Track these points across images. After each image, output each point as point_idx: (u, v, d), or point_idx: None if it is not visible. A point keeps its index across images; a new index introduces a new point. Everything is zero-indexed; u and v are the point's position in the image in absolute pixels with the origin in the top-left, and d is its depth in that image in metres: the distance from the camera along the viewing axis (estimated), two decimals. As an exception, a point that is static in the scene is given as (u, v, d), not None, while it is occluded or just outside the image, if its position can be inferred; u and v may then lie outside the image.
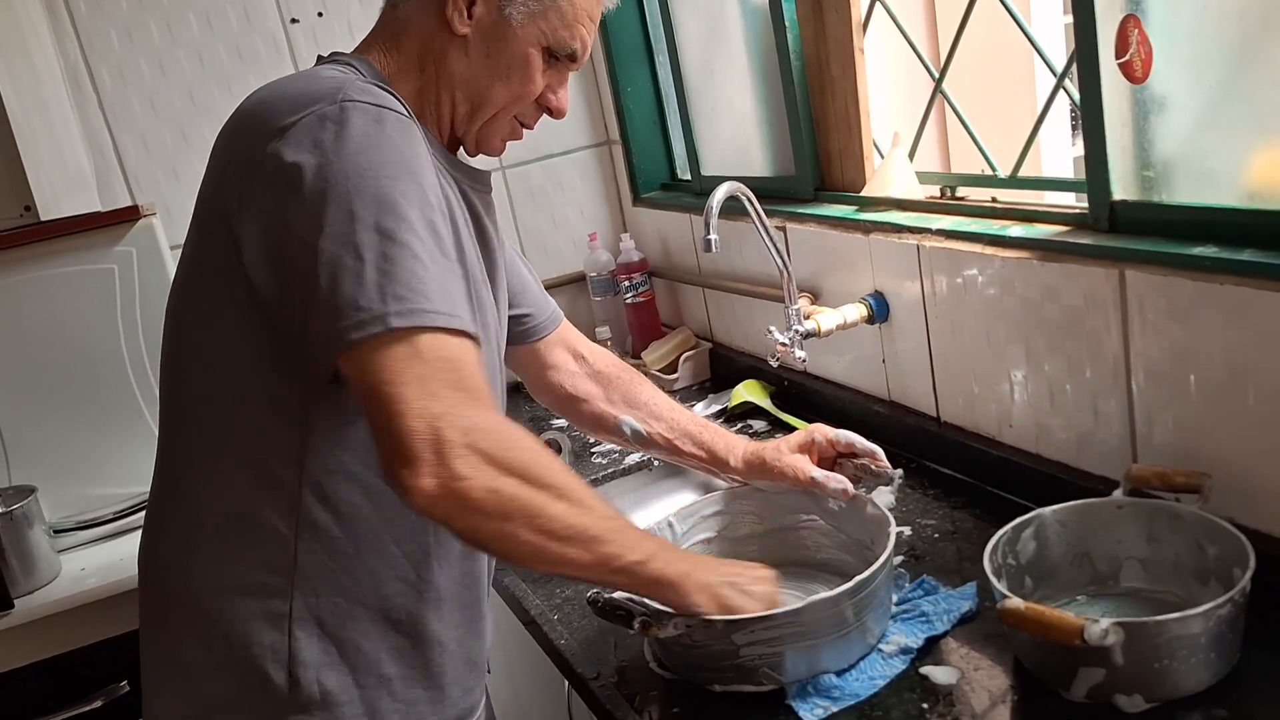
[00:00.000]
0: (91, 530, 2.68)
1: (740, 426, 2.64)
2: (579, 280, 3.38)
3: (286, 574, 1.42)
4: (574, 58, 1.57)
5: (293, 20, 2.97)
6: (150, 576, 1.54)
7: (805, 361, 2.26)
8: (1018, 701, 1.46)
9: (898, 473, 1.82)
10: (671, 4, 2.96)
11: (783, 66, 2.46)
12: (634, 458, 2.59)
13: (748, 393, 2.72)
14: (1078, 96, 1.74)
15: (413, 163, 1.34)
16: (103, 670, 2.37)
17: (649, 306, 3.23)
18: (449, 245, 1.36)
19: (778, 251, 2.24)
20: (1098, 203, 1.75)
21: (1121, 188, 1.72)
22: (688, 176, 3.18)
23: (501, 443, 1.29)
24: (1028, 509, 1.64)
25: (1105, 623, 1.29)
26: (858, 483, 1.81)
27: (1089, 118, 1.72)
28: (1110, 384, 1.74)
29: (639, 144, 3.28)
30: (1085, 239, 1.75)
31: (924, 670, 1.54)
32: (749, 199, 2.19)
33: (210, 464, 1.45)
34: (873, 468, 1.82)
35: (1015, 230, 1.89)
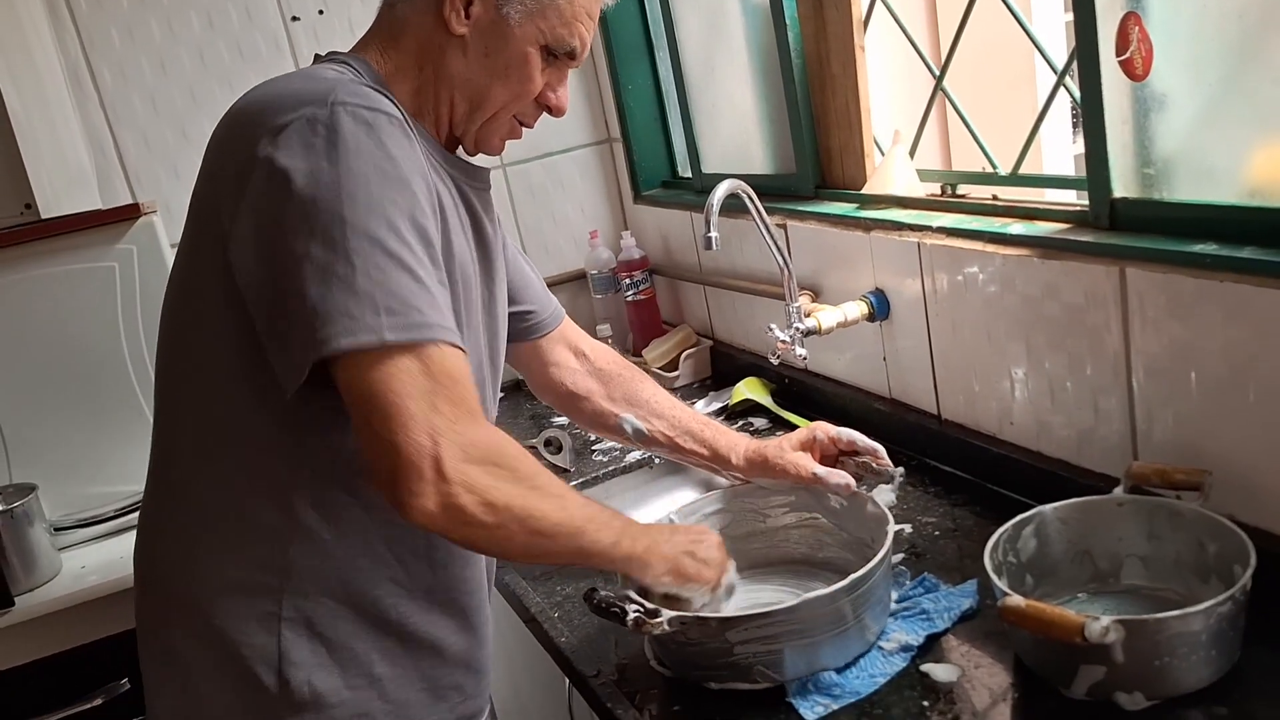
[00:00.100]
0: (92, 528, 2.68)
1: (741, 424, 2.64)
2: (580, 278, 3.38)
3: (278, 574, 1.42)
4: (573, 56, 1.55)
5: (294, 18, 2.97)
6: (146, 575, 1.54)
7: (806, 359, 2.26)
8: (1018, 699, 1.46)
9: (899, 470, 1.82)
10: (672, 1, 2.96)
11: (783, 64, 2.46)
12: (635, 455, 2.59)
13: (748, 390, 2.72)
14: (1078, 94, 1.74)
15: (404, 167, 1.34)
16: (103, 668, 2.37)
17: (650, 304, 3.23)
18: (436, 253, 1.37)
19: (778, 249, 2.24)
20: (1098, 200, 1.75)
21: (1122, 185, 1.72)
22: (688, 174, 3.18)
23: (494, 454, 1.34)
24: (1028, 506, 1.64)
25: (1106, 620, 1.30)
26: (859, 480, 1.82)
27: (1089, 115, 1.72)
28: (1111, 381, 1.74)
29: (640, 141, 3.28)
30: (1086, 236, 1.75)
31: (924, 668, 1.54)
32: (750, 196, 2.19)
33: (203, 463, 1.45)
34: (874, 465, 1.82)
35: (1016, 228, 1.89)
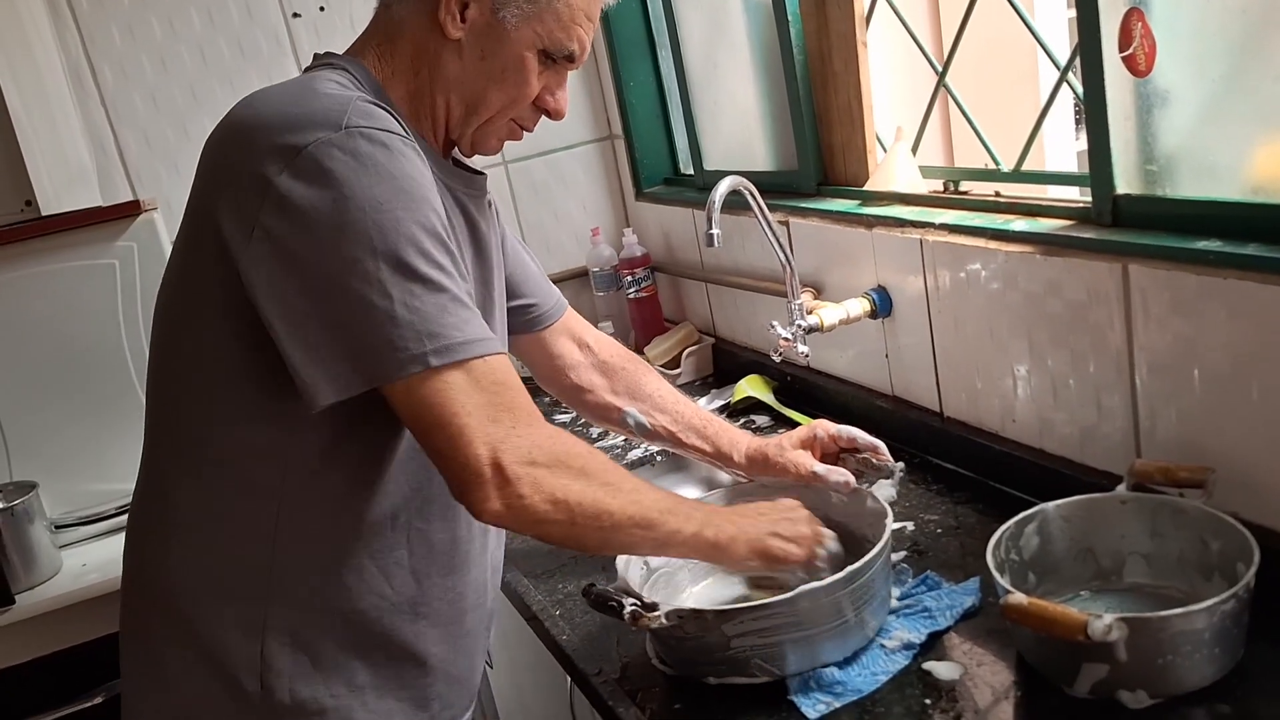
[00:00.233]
0: (92, 526, 2.69)
1: (743, 422, 2.64)
2: (582, 275, 3.37)
3: (262, 582, 1.42)
4: (572, 59, 1.53)
5: (294, 15, 2.96)
6: (132, 576, 1.54)
7: (808, 356, 2.26)
8: (1021, 697, 1.45)
9: (899, 466, 1.82)
10: (674, -2, 2.96)
11: (785, 60, 2.46)
12: (637, 452, 2.59)
13: (750, 388, 2.72)
14: (1081, 90, 1.74)
15: (423, 187, 1.34)
16: (103, 666, 2.37)
17: (652, 301, 3.23)
18: (462, 265, 1.38)
19: (780, 246, 2.24)
20: (1101, 197, 1.74)
21: (1125, 182, 1.72)
22: (690, 171, 3.17)
23: (559, 454, 1.38)
24: (1031, 504, 1.64)
25: (1109, 618, 1.29)
26: (860, 477, 1.81)
27: (1092, 111, 1.71)
28: (1114, 378, 1.73)
29: (641, 138, 3.28)
30: (1088, 233, 1.75)
31: (927, 666, 1.54)
32: (751, 193, 2.19)
33: (191, 469, 1.45)
34: (875, 462, 1.82)
35: (1018, 224, 1.89)
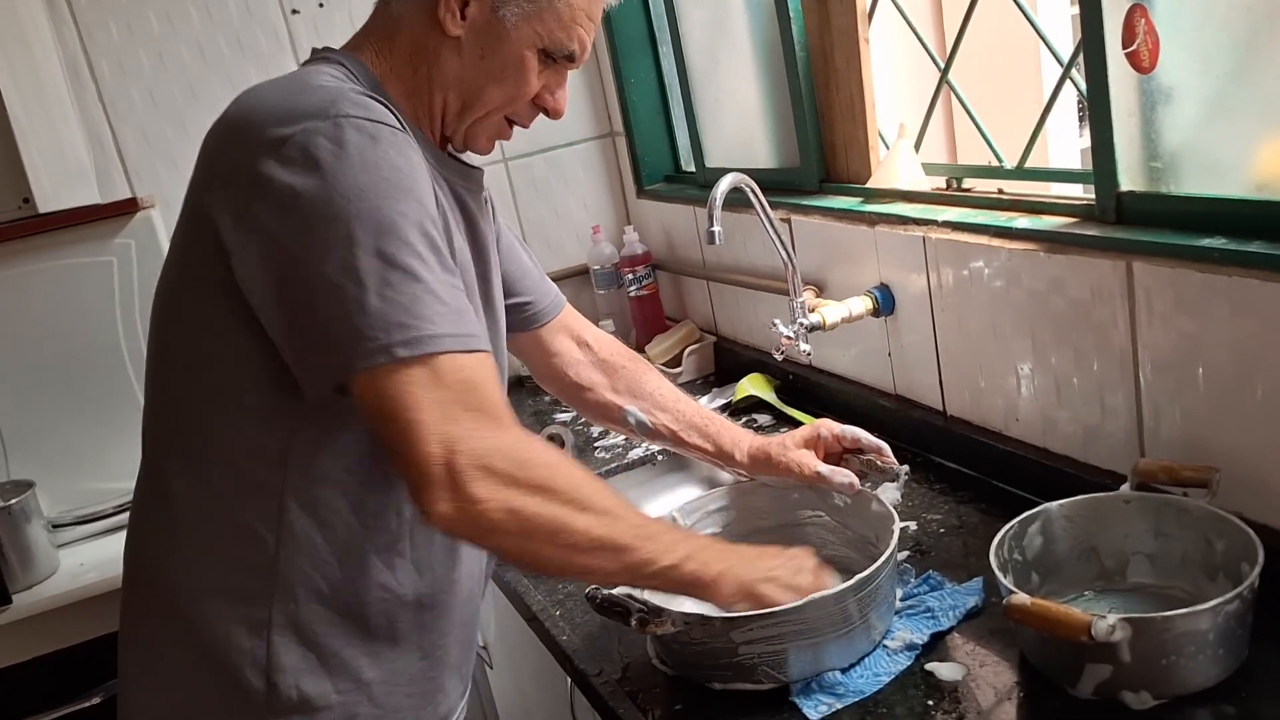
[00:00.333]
0: (90, 525, 2.69)
1: (745, 421, 2.63)
2: (582, 273, 3.37)
3: (266, 579, 1.41)
4: (572, 59, 1.53)
5: (293, 11, 2.96)
6: (132, 574, 1.53)
7: (810, 355, 2.25)
8: (1024, 698, 1.45)
9: (904, 468, 1.81)
10: (675, -6, 2.95)
11: (787, 57, 2.45)
12: (637, 452, 2.59)
13: (752, 387, 2.71)
14: (1084, 87, 1.73)
15: (410, 179, 1.32)
16: (102, 666, 2.36)
17: (653, 300, 3.22)
18: (449, 260, 1.36)
19: (782, 244, 2.23)
20: (1105, 194, 1.74)
21: (1129, 179, 1.71)
22: (692, 168, 3.17)
23: (520, 462, 1.31)
24: (1034, 503, 1.63)
25: (1112, 619, 1.29)
26: (864, 478, 1.80)
27: (1096, 108, 1.70)
28: (1117, 377, 1.73)
29: (642, 136, 3.27)
30: (1092, 230, 1.74)
31: (929, 666, 1.54)
32: (753, 191, 2.18)
33: (192, 467, 1.44)
34: (879, 463, 1.81)
35: (1022, 222, 1.88)
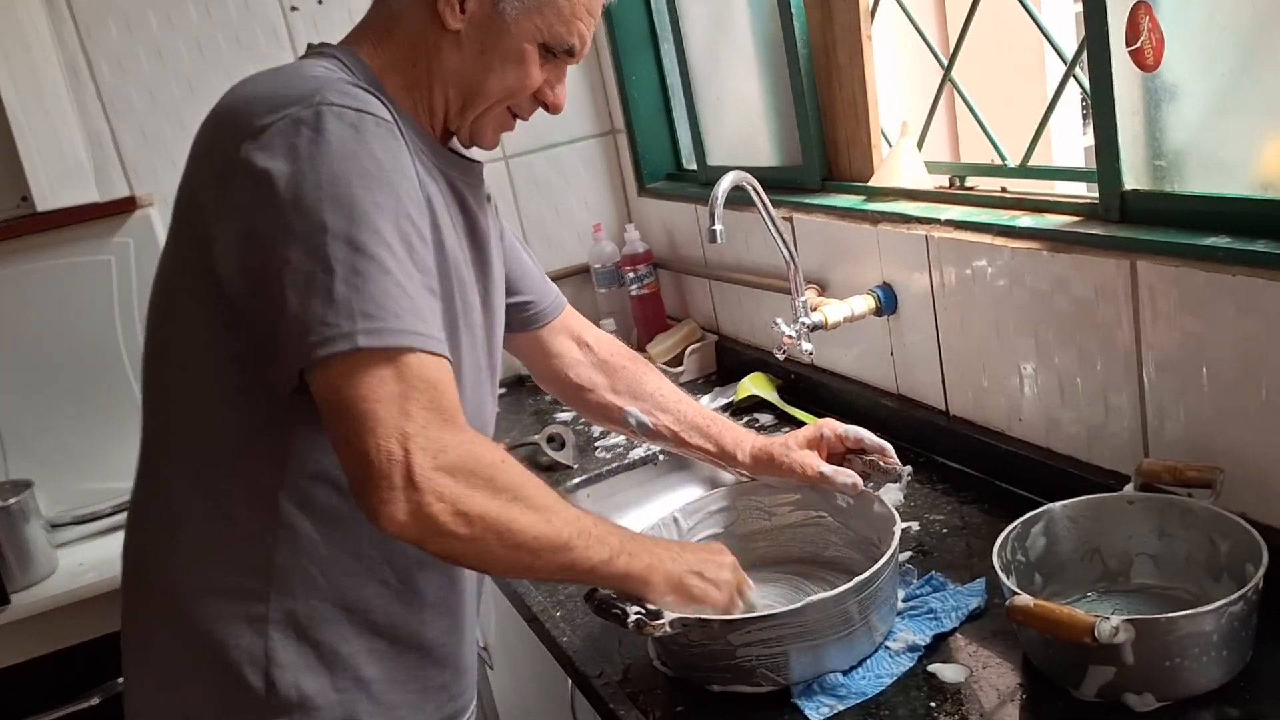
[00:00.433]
0: (89, 525, 2.69)
1: (746, 420, 2.63)
2: (583, 272, 3.36)
3: (264, 576, 1.41)
4: (572, 54, 1.53)
5: (293, 8, 2.95)
6: (132, 573, 1.53)
7: (812, 354, 2.25)
8: (1027, 700, 1.44)
9: (907, 469, 1.80)
10: (677, -9, 2.94)
11: (789, 54, 2.44)
12: (638, 452, 2.58)
13: (754, 386, 2.71)
14: (1088, 85, 1.72)
15: (389, 170, 1.31)
16: (100, 667, 2.37)
17: (654, 298, 3.22)
18: (425, 258, 1.34)
19: (784, 242, 2.22)
20: (1108, 192, 1.73)
21: (1133, 177, 1.71)
22: (693, 166, 3.16)
23: (469, 461, 1.30)
24: (1037, 504, 1.63)
25: (1116, 620, 1.29)
26: (867, 479, 1.80)
27: (1100, 106, 1.70)
28: (1121, 377, 1.72)
29: (644, 133, 3.26)
30: (1096, 229, 1.74)
31: (932, 668, 1.53)
32: (755, 189, 2.17)
33: (188, 464, 1.44)
34: (882, 464, 1.80)
35: (1025, 220, 1.88)
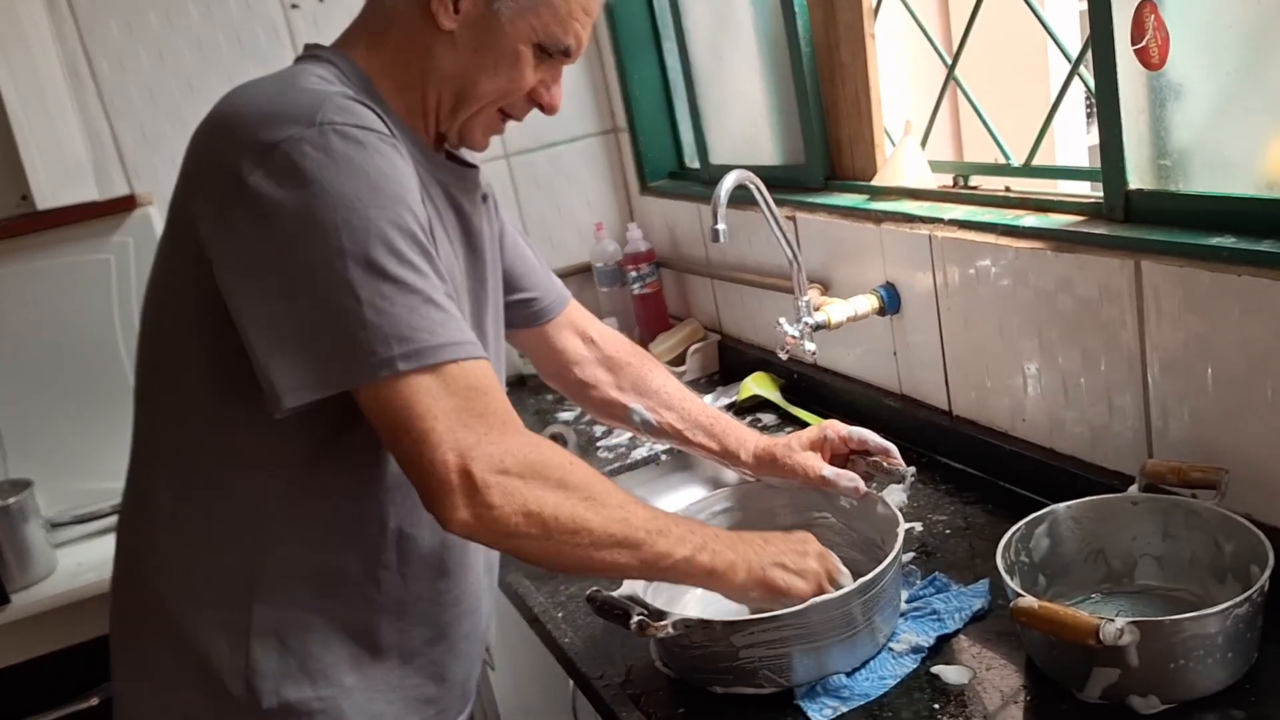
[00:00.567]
0: (88, 524, 2.69)
1: (749, 420, 2.62)
2: (585, 271, 3.35)
3: (246, 584, 1.41)
4: (568, 54, 1.51)
5: (293, 6, 2.94)
6: (120, 579, 1.53)
7: (815, 354, 2.24)
8: (1030, 701, 1.44)
9: (910, 470, 1.79)
10: (679, -11, 2.94)
11: (792, 53, 2.44)
12: (641, 452, 2.58)
13: (757, 386, 2.70)
14: (1093, 84, 1.72)
15: (398, 185, 1.31)
16: (100, 667, 2.32)
17: (656, 298, 3.21)
18: (440, 265, 1.35)
19: (787, 242, 2.22)
20: (1113, 192, 1.73)
21: (1137, 176, 1.70)
22: (696, 165, 3.16)
23: (534, 464, 1.32)
24: (1041, 504, 1.63)
25: (1120, 622, 1.28)
26: (870, 480, 1.79)
27: (1104, 105, 1.70)
28: (1125, 377, 1.72)
29: (646, 132, 3.26)
30: (1100, 229, 1.73)
31: (935, 669, 1.53)
32: (758, 188, 2.17)
33: (175, 471, 1.44)
34: (885, 465, 1.79)
35: (1029, 220, 1.88)
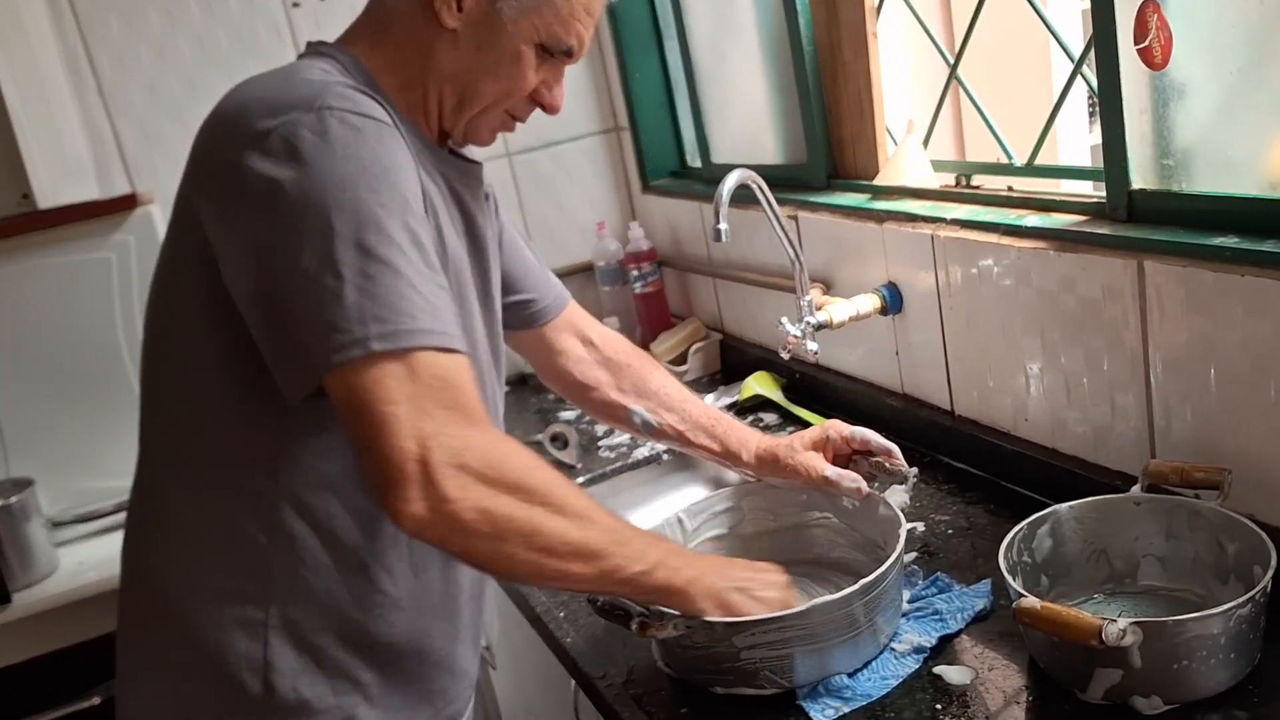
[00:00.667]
0: (90, 523, 2.69)
1: (751, 420, 2.62)
2: (587, 270, 3.35)
3: (263, 582, 1.41)
4: (570, 55, 1.51)
5: (294, 4, 2.94)
6: (129, 577, 1.53)
7: (817, 354, 2.24)
8: (1032, 702, 1.44)
9: (913, 471, 1.79)
10: (681, -13, 2.93)
11: (794, 52, 2.44)
12: (642, 451, 2.58)
13: (758, 385, 2.70)
14: (1095, 83, 1.72)
15: (394, 172, 1.31)
16: (102, 666, 2.33)
17: (658, 297, 3.21)
18: (433, 257, 1.34)
19: (789, 241, 2.21)
20: (1116, 192, 1.73)
21: (1140, 176, 1.70)
22: (698, 164, 3.16)
23: (494, 461, 1.28)
24: (1043, 504, 1.62)
25: (1123, 623, 1.28)
26: (872, 480, 1.79)
27: (1107, 105, 1.69)
28: (1128, 377, 1.71)
29: (648, 131, 3.25)
30: (1103, 229, 1.73)
31: (937, 670, 1.53)
32: (760, 187, 2.17)
33: (186, 471, 1.44)
34: (888, 466, 1.79)
35: (1031, 220, 1.87)
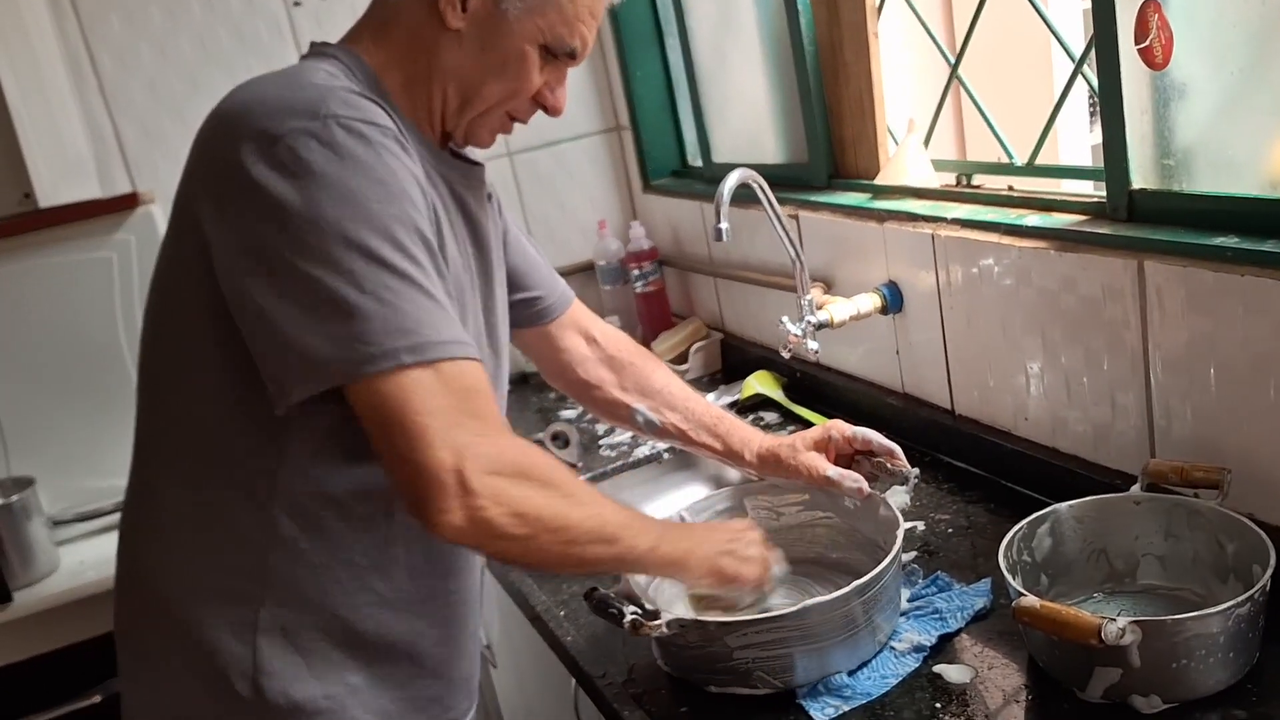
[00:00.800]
0: (91, 522, 2.69)
1: (752, 419, 2.62)
2: (588, 269, 3.35)
3: (255, 583, 1.41)
4: (573, 56, 1.51)
5: (295, 3, 2.94)
6: (124, 577, 1.53)
7: (818, 353, 2.24)
8: (1032, 701, 1.44)
9: (914, 472, 1.79)
10: (682, -13, 2.93)
11: (795, 51, 2.44)
12: (643, 450, 2.58)
13: (759, 384, 2.70)
14: (1096, 83, 1.72)
15: (401, 180, 1.31)
16: (102, 665, 2.33)
17: (659, 296, 3.21)
18: (440, 264, 1.35)
19: (790, 240, 2.22)
20: (1116, 191, 1.73)
21: (1141, 176, 1.70)
22: (699, 163, 3.16)
23: (524, 465, 1.33)
24: (1043, 504, 1.63)
25: (1122, 622, 1.28)
26: (874, 481, 1.79)
27: (1108, 104, 1.69)
28: (1128, 376, 1.71)
29: (649, 130, 3.25)
30: (1103, 228, 1.73)
31: (937, 668, 1.53)
32: (761, 186, 2.17)
33: (180, 470, 1.43)
34: (890, 466, 1.79)
35: (1032, 219, 1.88)
